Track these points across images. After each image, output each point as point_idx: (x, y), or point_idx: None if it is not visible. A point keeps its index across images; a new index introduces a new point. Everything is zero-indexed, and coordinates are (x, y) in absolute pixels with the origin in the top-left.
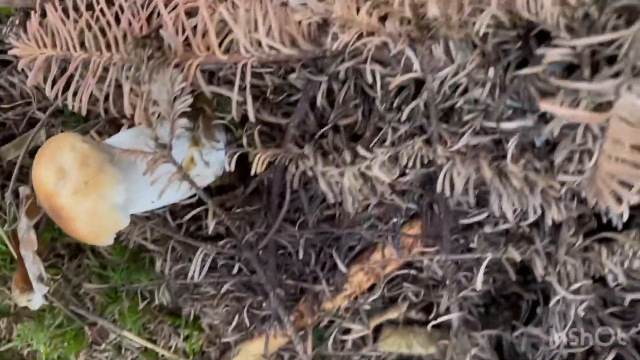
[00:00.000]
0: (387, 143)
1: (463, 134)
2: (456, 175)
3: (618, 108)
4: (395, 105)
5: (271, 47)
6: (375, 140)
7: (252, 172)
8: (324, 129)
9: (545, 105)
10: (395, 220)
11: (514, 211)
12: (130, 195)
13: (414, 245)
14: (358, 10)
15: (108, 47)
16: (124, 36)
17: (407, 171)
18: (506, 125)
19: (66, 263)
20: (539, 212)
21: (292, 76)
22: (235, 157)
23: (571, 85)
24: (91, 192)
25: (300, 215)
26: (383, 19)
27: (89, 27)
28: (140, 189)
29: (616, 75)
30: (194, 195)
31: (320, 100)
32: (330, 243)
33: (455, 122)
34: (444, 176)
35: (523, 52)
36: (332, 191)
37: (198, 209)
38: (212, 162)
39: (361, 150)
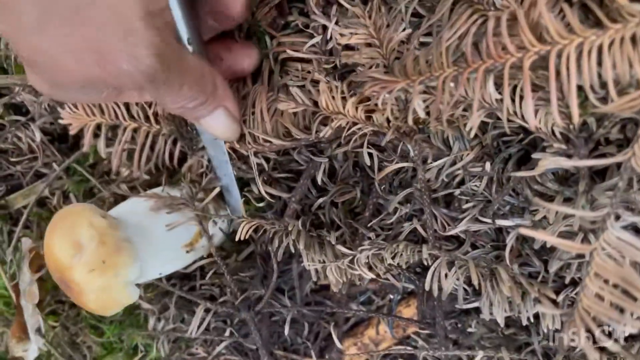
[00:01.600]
0: (390, 222)
1: (462, 219)
2: (444, 276)
3: (603, 240)
4: (393, 187)
5: (265, 140)
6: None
7: (236, 238)
8: (321, 200)
9: (525, 231)
10: (391, 296)
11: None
12: (143, 267)
13: (410, 324)
14: (344, 101)
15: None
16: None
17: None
18: (502, 223)
19: (66, 311)
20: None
21: (296, 156)
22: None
23: (560, 209)
24: (108, 271)
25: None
26: (370, 111)
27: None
28: (150, 260)
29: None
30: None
31: (320, 178)
32: (324, 315)
33: (455, 208)
34: (432, 277)
35: (525, 145)
36: (316, 272)
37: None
38: (216, 233)
39: (343, 249)
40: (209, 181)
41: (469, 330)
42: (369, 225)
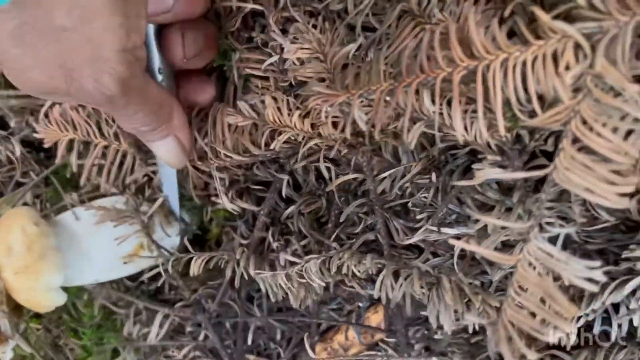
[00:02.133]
0: (356, 232)
1: (417, 229)
2: (389, 286)
3: (526, 251)
4: (355, 198)
5: (226, 155)
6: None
7: (191, 273)
8: (287, 211)
9: (456, 242)
10: (359, 304)
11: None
12: (73, 273)
13: (377, 331)
14: (290, 115)
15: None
16: None
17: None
18: (447, 231)
19: (48, 314)
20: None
21: (259, 172)
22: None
23: (489, 220)
24: (30, 275)
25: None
26: (316, 124)
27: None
28: (84, 268)
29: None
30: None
31: (284, 192)
32: (296, 321)
33: (412, 218)
34: (380, 286)
35: (471, 157)
36: (272, 291)
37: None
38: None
39: (290, 258)
40: (152, 193)
41: (435, 337)
42: (333, 235)
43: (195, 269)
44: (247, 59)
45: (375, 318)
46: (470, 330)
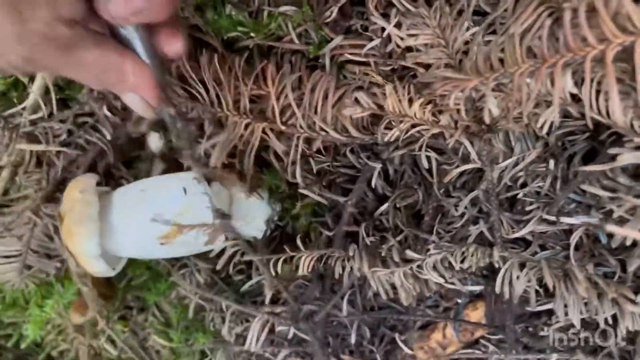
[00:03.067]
0: (456, 227)
1: (527, 221)
2: (515, 278)
3: None
4: (453, 191)
5: (322, 129)
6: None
7: (299, 272)
8: (382, 208)
9: (612, 228)
10: (458, 300)
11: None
12: (109, 245)
13: (478, 328)
14: (410, 103)
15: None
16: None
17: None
18: (568, 220)
19: (134, 316)
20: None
21: (352, 157)
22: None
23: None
24: (71, 239)
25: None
26: (437, 112)
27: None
28: (117, 242)
29: None
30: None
31: (376, 182)
32: (390, 320)
33: (519, 211)
34: (502, 279)
35: (591, 142)
36: (384, 289)
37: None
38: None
39: (410, 253)
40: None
41: (541, 334)
42: (431, 229)
43: (304, 267)
44: (344, 46)
45: (475, 315)
46: (602, 324)
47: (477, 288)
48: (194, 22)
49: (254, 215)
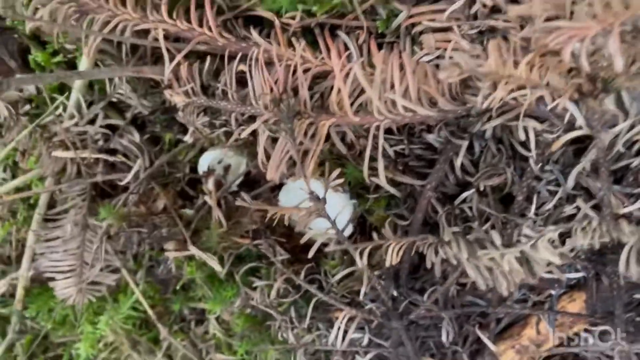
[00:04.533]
0: (548, 208)
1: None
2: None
3: None
4: (552, 165)
5: (407, 109)
6: (531, 206)
7: (387, 263)
8: (466, 194)
9: None
10: (552, 292)
11: None
12: None
13: (577, 321)
14: (515, 63)
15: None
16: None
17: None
18: None
19: (192, 329)
20: None
21: (430, 137)
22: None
23: None
24: None
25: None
26: (545, 71)
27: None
28: None
29: None
30: None
31: (461, 160)
32: (473, 316)
33: (630, 183)
34: (628, 255)
35: None
36: (482, 277)
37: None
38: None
39: (526, 230)
40: None
41: None
42: (524, 212)
43: (393, 257)
44: (419, 14)
45: (572, 307)
46: None
47: (577, 275)
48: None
49: (338, 211)
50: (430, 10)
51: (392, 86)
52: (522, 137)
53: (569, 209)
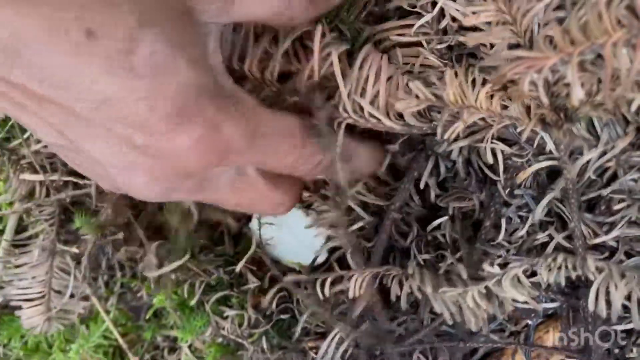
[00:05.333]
0: (520, 235)
1: (613, 224)
2: (614, 290)
3: None
4: (523, 190)
5: (372, 115)
6: (499, 234)
7: (350, 295)
8: (440, 220)
9: None
10: (529, 322)
11: None
12: None
13: (553, 352)
14: (475, 92)
15: None
16: None
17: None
18: None
19: (165, 357)
20: None
21: (391, 147)
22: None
23: None
24: None
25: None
26: (508, 99)
27: None
28: None
29: None
30: None
31: (426, 181)
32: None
33: (602, 211)
34: (597, 292)
35: None
36: (449, 311)
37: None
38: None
39: (488, 267)
40: None
41: (630, 356)
42: (493, 240)
43: (355, 290)
44: (386, 30)
45: (547, 338)
46: None
47: (553, 306)
48: None
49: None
50: (398, 25)
51: (364, 89)
52: (491, 160)
53: (542, 237)
